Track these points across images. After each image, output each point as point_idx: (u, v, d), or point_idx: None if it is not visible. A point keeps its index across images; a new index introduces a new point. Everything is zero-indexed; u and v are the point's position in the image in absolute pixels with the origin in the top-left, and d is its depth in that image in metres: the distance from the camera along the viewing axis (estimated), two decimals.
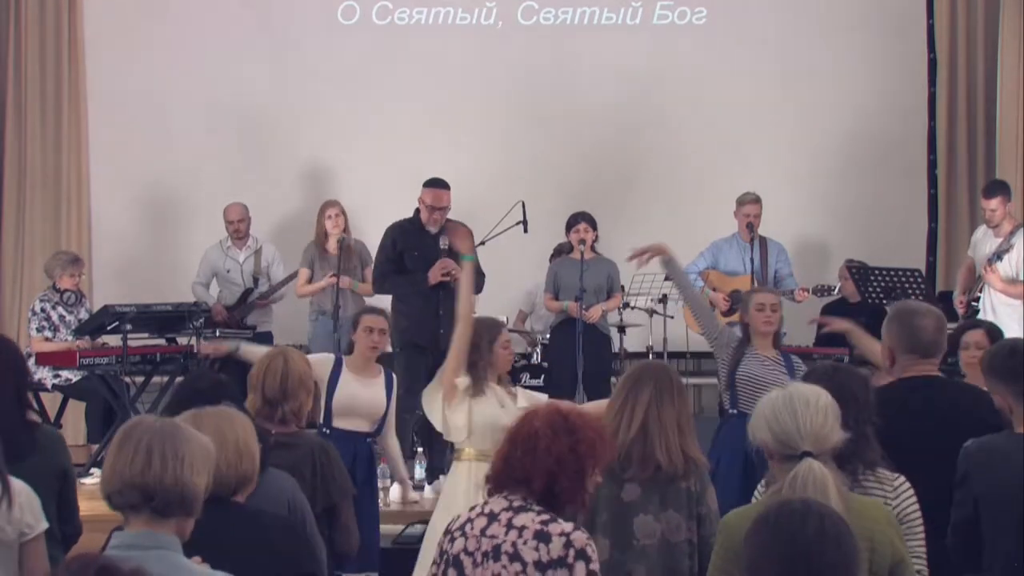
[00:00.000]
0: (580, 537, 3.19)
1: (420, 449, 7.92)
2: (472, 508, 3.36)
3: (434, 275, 7.57)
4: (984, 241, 8.47)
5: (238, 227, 9.35)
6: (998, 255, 8.23)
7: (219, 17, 10.20)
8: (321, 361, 5.98)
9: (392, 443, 6.32)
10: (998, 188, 8.47)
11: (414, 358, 7.60)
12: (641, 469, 4.21)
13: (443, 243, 7.65)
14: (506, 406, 5.34)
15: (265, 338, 8.93)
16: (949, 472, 3.89)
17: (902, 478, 3.71)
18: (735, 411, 5.97)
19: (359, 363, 6.04)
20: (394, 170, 9.61)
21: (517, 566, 3.17)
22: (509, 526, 3.22)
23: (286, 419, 4.56)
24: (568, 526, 3.21)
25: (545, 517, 3.22)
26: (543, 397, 5.66)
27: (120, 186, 10.18)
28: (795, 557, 2.55)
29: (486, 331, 5.49)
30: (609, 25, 10.23)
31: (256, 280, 9.33)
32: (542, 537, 3.18)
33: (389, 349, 6.81)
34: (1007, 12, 9.70)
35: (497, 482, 3.33)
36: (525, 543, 3.18)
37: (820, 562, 2.55)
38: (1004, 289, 8.19)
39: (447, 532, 3.35)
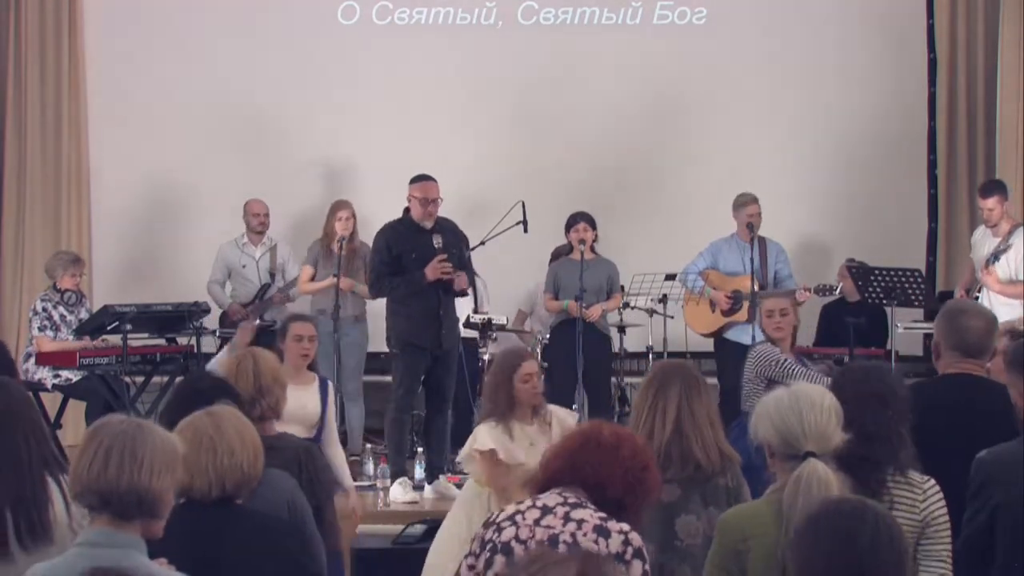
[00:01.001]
0: (638, 538, 3.22)
1: (420, 449, 7.92)
2: (520, 502, 3.33)
3: (432, 272, 7.52)
4: (983, 242, 8.47)
5: (263, 220, 9.33)
6: (995, 255, 8.22)
7: (219, 17, 10.19)
8: None
9: (335, 452, 6.10)
10: (994, 188, 8.47)
11: (414, 358, 7.58)
12: (681, 468, 4.21)
13: (437, 242, 7.63)
14: (536, 444, 5.26)
15: None
16: None
17: (931, 481, 3.67)
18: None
19: (290, 371, 6.02)
20: (393, 170, 9.56)
21: None
22: (567, 519, 3.22)
23: (265, 416, 4.55)
24: (625, 526, 3.22)
25: (603, 515, 3.23)
26: (572, 418, 5.62)
27: (121, 186, 10.18)
28: (851, 556, 2.54)
29: (506, 365, 5.39)
30: (609, 25, 10.22)
31: (272, 276, 9.30)
32: (601, 532, 3.19)
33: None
34: (1007, 12, 9.69)
35: (555, 482, 3.32)
36: (584, 535, 3.18)
37: (875, 562, 2.54)
38: (1002, 291, 8.18)
39: (490, 524, 3.31)
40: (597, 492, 3.25)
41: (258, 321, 8.70)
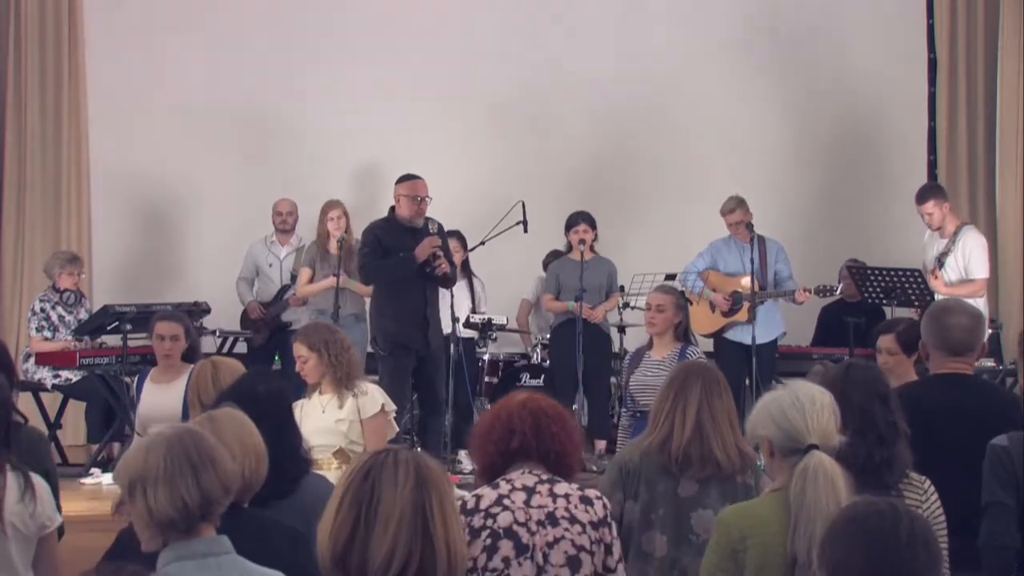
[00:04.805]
0: (606, 500, 3.59)
1: (418, 450, 7.92)
2: (494, 486, 3.49)
3: (422, 251, 7.52)
4: (931, 245, 8.46)
5: (286, 219, 9.36)
6: (939, 260, 8.24)
7: (220, 16, 10.20)
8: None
9: None
10: (929, 192, 8.46)
11: (401, 361, 7.60)
12: (700, 469, 4.24)
13: (431, 227, 7.68)
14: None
15: None
16: (971, 470, 3.87)
17: (928, 480, 3.71)
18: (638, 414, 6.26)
19: (158, 371, 6.07)
20: (393, 169, 9.55)
21: (577, 528, 3.45)
22: (553, 495, 3.47)
23: None
24: (595, 491, 3.56)
25: (576, 485, 3.53)
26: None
27: (120, 186, 10.18)
28: (886, 558, 2.52)
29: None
30: (609, 24, 10.21)
31: (294, 278, 9.29)
32: (586, 501, 3.51)
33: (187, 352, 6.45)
34: (1007, 12, 9.69)
35: (516, 456, 3.51)
36: (575, 507, 3.48)
37: (911, 564, 2.52)
38: (949, 293, 8.17)
39: (475, 511, 3.45)
40: (555, 461, 3.50)
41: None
